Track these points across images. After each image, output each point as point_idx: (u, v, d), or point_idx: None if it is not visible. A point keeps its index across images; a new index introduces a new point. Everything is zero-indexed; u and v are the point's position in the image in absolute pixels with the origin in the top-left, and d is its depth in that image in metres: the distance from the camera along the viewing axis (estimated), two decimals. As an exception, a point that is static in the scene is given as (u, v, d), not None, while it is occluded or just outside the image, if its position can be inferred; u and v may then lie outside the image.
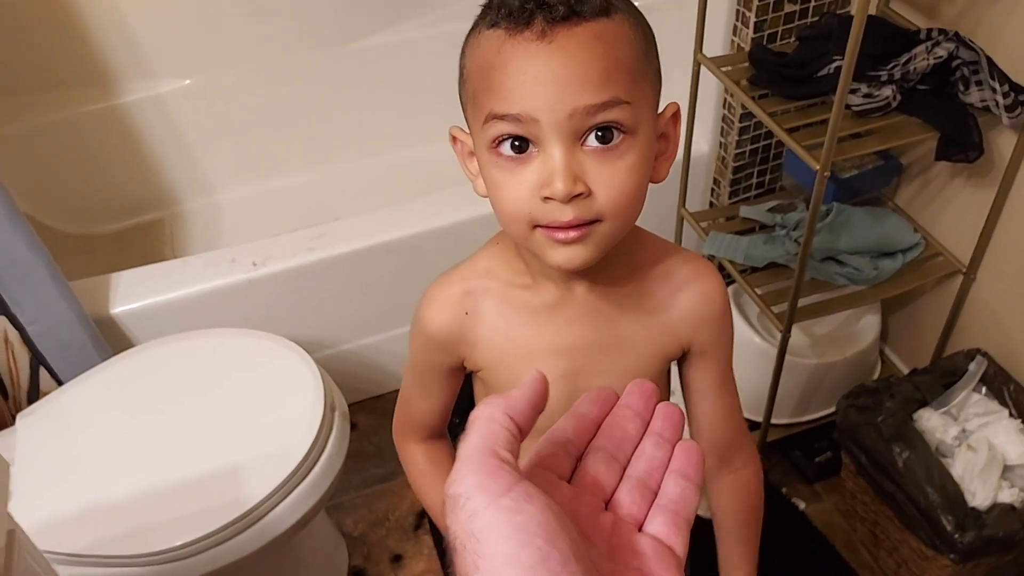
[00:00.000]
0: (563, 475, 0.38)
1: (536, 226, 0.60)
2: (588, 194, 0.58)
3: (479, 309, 0.72)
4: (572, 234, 0.60)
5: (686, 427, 0.48)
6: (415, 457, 0.87)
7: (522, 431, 0.36)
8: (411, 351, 0.79)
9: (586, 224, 0.59)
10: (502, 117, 0.57)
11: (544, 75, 0.55)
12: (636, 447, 0.40)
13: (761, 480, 0.85)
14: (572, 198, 0.57)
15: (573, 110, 0.56)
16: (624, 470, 0.39)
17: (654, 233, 0.77)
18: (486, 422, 0.36)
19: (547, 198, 0.58)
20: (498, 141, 0.58)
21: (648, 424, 0.41)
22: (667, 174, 0.66)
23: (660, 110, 0.64)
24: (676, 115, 0.65)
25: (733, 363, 0.80)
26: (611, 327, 0.72)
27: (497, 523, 0.32)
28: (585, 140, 0.57)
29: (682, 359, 0.78)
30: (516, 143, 0.58)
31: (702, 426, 0.81)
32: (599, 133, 0.57)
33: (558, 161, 0.57)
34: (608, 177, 0.58)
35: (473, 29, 0.60)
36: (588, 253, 0.61)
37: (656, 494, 0.39)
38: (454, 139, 0.67)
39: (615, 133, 0.58)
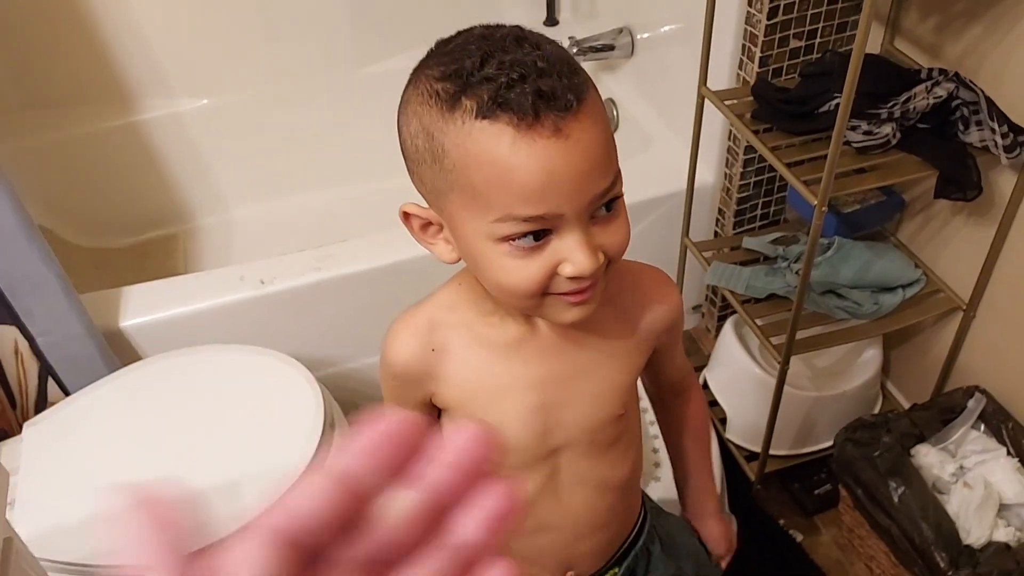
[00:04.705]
0: None
1: (548, 294, 0.62)
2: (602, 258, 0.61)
3: (447, 345, 0.72)
4: (588, 294, 0.62)
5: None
6: None
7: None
8: (385, 393, 0.78)
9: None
10: (524, 219, 0.57)
11: (566, 172, 0.56)
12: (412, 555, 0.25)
13: (705, 402, 0.96)
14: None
15: (592, 198, 0.58)
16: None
17: None
18: None
19: (573, 276, 0.60)
20: (516, 236, 0.58)
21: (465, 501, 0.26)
22: None
23: None
24: None
25: (736, 392, 0.83)
26: (577, 354, 0.73)
27: None
28: (594, 214, 0.60)
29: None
30: (535, 236, 0.59)
31: (662, 371, 0.86)
32: (605, 205, 0.60)
33: (582, 242, 0.59)
34: (614, 237, 0.62)
35: (443, 112, 0.57)
36: (596, 303, 0.64)
37: None
38: (407, 216, 0.66)
39: (614, 202, 0.61)
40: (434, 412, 0.79)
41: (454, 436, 0.25)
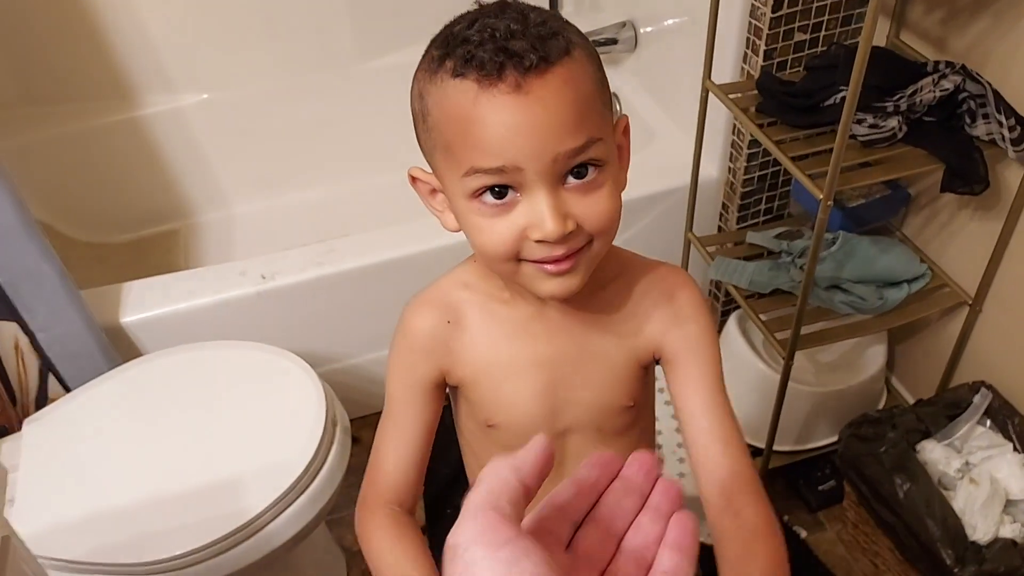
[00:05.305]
0: (561, 542, 0.39)
1: (523, 260, 0.62)
2: (576, 227, 0.60)
3: (462, 320, 0.74)
4: (564, 265, 0.62)
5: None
6: (379, 530, 0.73)
7: (528, 490, 0.37)
8: (391, 374, 0.77)
9: (575, 252, 0.62)
10: (486, 171, 0.58)
11: (524, 126, 0.56)
12: (633, 521, 0.41)
13: (780, 537, 0.68)
14: (564, 236, 0.60)
15: (555, 156, 0.58)
16: (619, 543, 0.40)
17: (618, 247, 0.77)
18: (493, 477, 0.36)
19: (540, 240, 0.60)
20: (480, 191, 0.60)
21: (647, 498, 0.41)
22: (626, 183, 0.67)
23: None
24: (626, 128, 0.67)
25: (740, 388, 0.77)
26: (584, 339, 0.74)
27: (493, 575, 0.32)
28: (565, 180, 0.60)
29: (665, 371, 0.77)
30: (497, 190, 0.60)
31: (696, 451, 0.73)
32: (577, 171, 0.59)
33: (547, 204, 0.59)
34: (592, 208, 0.61)
35: (431, 74, 0.60)
36: (578, 279, 0.64)
37: (650, 568, 0.39)
38: (414, 179, 0.68)
39: (590, 169, 0.60)
40: (441, 396, 0.78)
41: (634, 457, 0.43)
